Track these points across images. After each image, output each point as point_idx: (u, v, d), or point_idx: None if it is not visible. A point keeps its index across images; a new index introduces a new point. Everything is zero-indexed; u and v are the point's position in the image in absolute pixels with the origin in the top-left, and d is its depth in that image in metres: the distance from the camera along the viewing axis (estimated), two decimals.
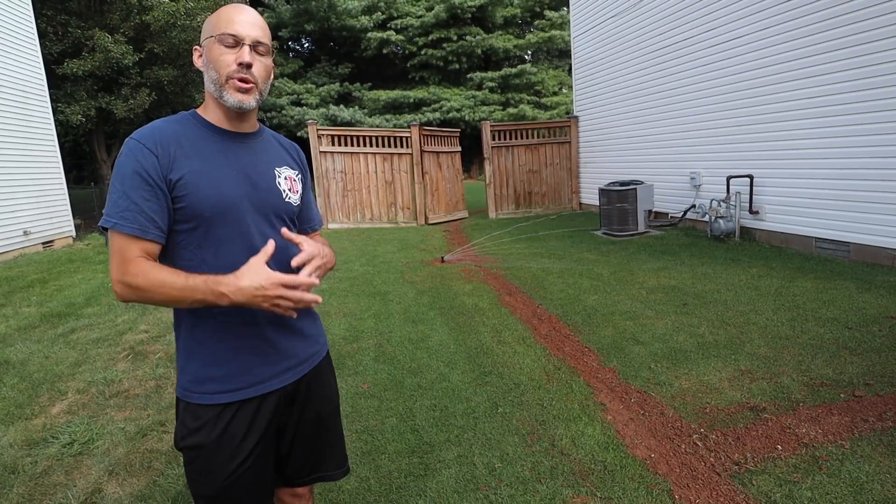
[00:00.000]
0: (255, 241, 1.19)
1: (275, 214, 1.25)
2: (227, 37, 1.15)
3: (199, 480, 1.21)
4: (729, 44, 6.84)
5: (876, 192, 5.20)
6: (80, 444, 2.63)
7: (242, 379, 1.20)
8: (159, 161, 1.11)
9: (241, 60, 1.14)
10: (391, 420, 2.73)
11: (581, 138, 11.16)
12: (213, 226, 1.15)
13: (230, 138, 1.22)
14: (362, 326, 4.25)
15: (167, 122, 1.18)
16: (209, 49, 1.17)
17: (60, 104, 12.09)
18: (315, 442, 1.39)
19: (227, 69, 1.15)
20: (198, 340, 1.19)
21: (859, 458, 2.15)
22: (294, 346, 1.29)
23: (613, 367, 3.21)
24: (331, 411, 1.44)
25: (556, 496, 2.05)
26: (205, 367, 1.19)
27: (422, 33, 24.03)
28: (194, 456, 1.20)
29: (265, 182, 1.25)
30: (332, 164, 10.47)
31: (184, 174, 1.12)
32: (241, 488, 1.22)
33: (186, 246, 1.16)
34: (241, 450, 1.20)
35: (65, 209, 9.75)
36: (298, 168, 1.37)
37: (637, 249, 6.63)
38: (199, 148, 1.17)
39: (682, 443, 2.37)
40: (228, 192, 1.16)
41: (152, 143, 1.11)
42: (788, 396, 2.70)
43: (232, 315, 1.18)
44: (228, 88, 1.16)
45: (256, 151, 1.26)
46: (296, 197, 1.33)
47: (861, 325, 3.57)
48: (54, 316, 4.94)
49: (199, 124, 1.20)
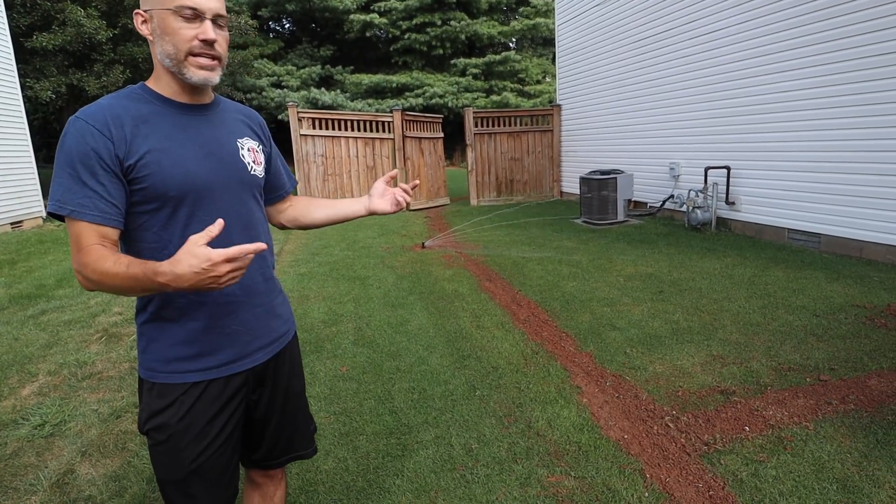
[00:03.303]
0: (223, 217, 1.14)
1: (241, 188, 1.21)
2: (185, 9, 1.07)
3: (165, 464, 1.17)
4: (708, 36, 6.91)
5: (846, 185, 5.35)
6: (51, 426, 2.58)
7: (214, 358, 1.17)
8: (113, 143, 1.04)
9: (206, 37, 1.09)
10: (369, 402, 2.74)
11: (563, 127, 11.20)
12: (180, 205, 1.11)
13: (187, 111, 1.16)
14: (342, 310, 4.23)
15: (116, 99, 1.11)
16: (163, 20, 1.08)
17: (29, 80, 11.67)
18: (286, 421, 1.37)
19: (188, 45, 1.08)
20: (167, 318, 1.15)
21: (822, 439, 2.23)
22: (265, 325, 1.27)
23: (590, 352, 3.26)
24: (300, 389, 1.43)
25: (531, 476, 2.09)
26: (173, 347, 1.15)
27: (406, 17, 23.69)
28: (160, 438, 1.15)
29: (229, 156, 1.20)
30: (313, 148, 10.33)
31: (143, 154, 1.06)
32: (208, 472, 1.18)
33: (149, 227, 1.11)
34: (209, 432, 1.17)
35: (34, 189, 9.45)
36: (259, 138, 1.33)
37: (616, 238, 6.72)
38: (156, 124, 1.10)
39: (655, 424, 2.43)
40: (193, 170, 1.11)
41: (101, 124, 1.04)
42: (757, 380, 2.78)
43: (203, 294, 1.14)
44: (190, 66, 1.10)
45: (216, 124, 1.21)
46: (260, 169, 1.29)
47: (828, 313, 3.68)
48: (24, 297, 4.82)
49: (153, 98, 1.13)
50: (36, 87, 11.70)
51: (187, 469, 1.16)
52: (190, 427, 1.15)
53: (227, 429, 1.21)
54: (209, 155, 1.16)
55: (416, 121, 11.02)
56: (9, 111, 8.99)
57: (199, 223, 1.11)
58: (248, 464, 1.41)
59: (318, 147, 10.36)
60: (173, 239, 1.11)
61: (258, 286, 1.25)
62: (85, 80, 12.36)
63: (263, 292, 1.27)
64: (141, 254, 1.11)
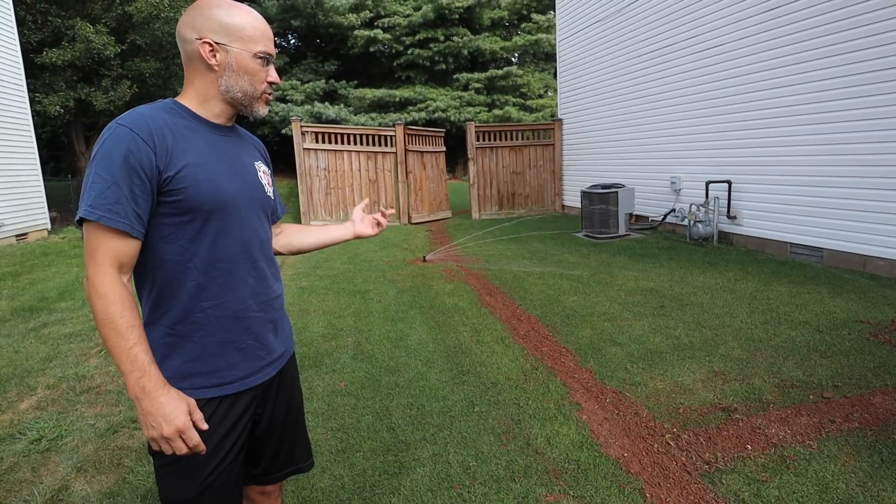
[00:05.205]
0: (247, 234, 1.20)
1: (260, 207, 1.27)
2: (265, 55, 1.19)
3: (175, 483, 1.14)
4: (711, 51, 6.95)
5: (848, 199, 5.33)
6: (48, 441, 2.57)
7: (228, 374, 1.18)
8: (156, 154, 1.05)
9: (274, 80, 1.21)
10: (367, 418, 2.72)
11: (565, 141, 11.24)
12: (210, 220, 1.13)
13: (215, 131, 1.21)
14: (341, 324, 4.22)
15: (155, 111, 1.12)
16: (242, 59, 1.16)
17: (38, 94, 11.81)
18: (286, 434, 1.39)
19: (262, 86, 1.20)
20: (182, 335, 1.14)
21: (826, 458, 2.20)
22: (276, 341, 1.30)
23: (590, 368, 3.24)
24: (299, 402, 1.45)
25: (529, 495, 2.06)
26: (189, 363, 1.14)
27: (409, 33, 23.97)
28: (171, 458, 1.11)
29: (251, 176, 1.26)
30: (316, 162, 10.39)
31: (182, 167, 1.09)
32: (219, 489, 1.17)
33: (175, 240, 1.11)
34: (221, 448, 1.17)
35: (40, 201, 9.53)
36: (266, 164, 1.39)
37: (617, 252, 6.70)
38: (192, 140, 1.14)
39: (655, 442, 2.40)
40: (224, 186, 1.15)
41: (146, 133, 1.05)
42: (759, 398, 2.75)
43: (223, 308, 1.16)
44: (260, 103, 1.22)
45: (239, 146, 1.27)
46: (271, 191, 1.35)
47: (831, 329, 3.65)
48: (26, 310, 4.83)
49: (186, 115, 1.17)
50: (45, 102, 11.84)
51: (199, 488, 1.14)
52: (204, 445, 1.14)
53: (238, 445, 1.21)
54: (236, 174, 1.20)
55: (418, 135, 11.09)
56: (17, 125, 9.10)
57: (225, 237, 1.15)
58: (247, 480, 1.40)
59: (321, 161, 10.43)
60: (199, 252, 1.12)
61: (272, 301, 1.27)
62: (93, 95, 12.51)
63: (275, 308, 1.30)
64: (161, 265, 1.12)
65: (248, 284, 1.21)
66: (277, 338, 1.30)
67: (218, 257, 1.14)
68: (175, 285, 1.12)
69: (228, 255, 1.15)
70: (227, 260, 1.15)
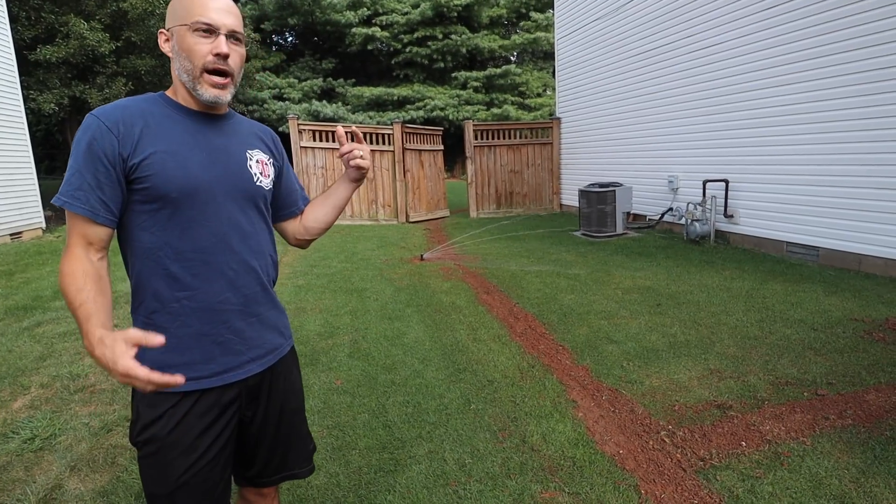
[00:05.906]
0: (223, 224, 1.17)
1: (244, 198, 1.23)
2: (200, 24, 1.11)
3: (153, 477, 1.14)
4: (708, 50, 6.96)
5: (844, 198, 5.35)
6: (41, 440, 2.56)
7: (205, 367, 1.16)
8: (119, 141, 1.07)
9: (219, 51, 1.12)
10: (363, 416, 2.71)
11: (563, 140, 11.25)
12: (180, 207, 1.12)
13: (199, 119, 1.19)
14: (338, 322, 4.22)
15: (134, 100, 1.15)
16: (181, 37, 1.12)
17: (32, 91, 11.77)
18: (280, 439, 1.34)
19: (203, 60, 1.12)
20: (158, 325, 1.14)
21: (819, 455, 2.20)
22: (259, 336, 1.25)
23: (586, 366, 3.24)
24: (295, 407, 1.39)
25: (524, 491, 2.06)
26: (165, 354, 1.12)
27: (407, 31, 23.95)
28: (149, 451, 1.13)
29: (236, 164, 1.22)
30: (313, 160, 10.37)
31: (148, 154, 1.09)
32: (196, 487, 1.16)
33: (148, 227, 1.12)
34: (198, 445, 1.15)
35: (34, 200, 9.47)
36: (271, 152, 1.34)
37: (614, 250, 6.71)
38: (167, 128, 1.13)
39: (651, 439, 2.40)
40: (196, 174, 1.13)
41: (112, 122, 1.08)
42: (754, 395, 2.76)
43: (198, 299, 1.14)
44: (203, 83, 1.13)
45: (227, 133, 1.24)
46: (267, 181, 1.29)
47: (826, 327, 3.66)
48: (20, 309, 4.81)
49: (169, 105, 1.18)
50: (39, 99, 11.80)
51: (175, 483, 1.13)
52: (180, 440, 1.13)
53: (219, 443, 1.18)
54: (215, 162, 1.18)
55: (416, 133, 11.07)
56: (11, 123, 9.04)
57: (199, 227, 1.14)
58: (241, 481, 1.38)
59: (319, 159, 10.41)
60: (171, 241, 1.12)
61: (255, 296, 1.24)
62: (87, 93, 12.47)
63: (259, 302, 1.26)
64: (137, 253, 1.14)
65: (227, 277, 1.18)
66: (263, 333, 1.26)
67: (191, 247, 1.13)
68: (149, 273, 1.13)
69: (202, 246, 1.14)
70: (200, 251, 1.13)
